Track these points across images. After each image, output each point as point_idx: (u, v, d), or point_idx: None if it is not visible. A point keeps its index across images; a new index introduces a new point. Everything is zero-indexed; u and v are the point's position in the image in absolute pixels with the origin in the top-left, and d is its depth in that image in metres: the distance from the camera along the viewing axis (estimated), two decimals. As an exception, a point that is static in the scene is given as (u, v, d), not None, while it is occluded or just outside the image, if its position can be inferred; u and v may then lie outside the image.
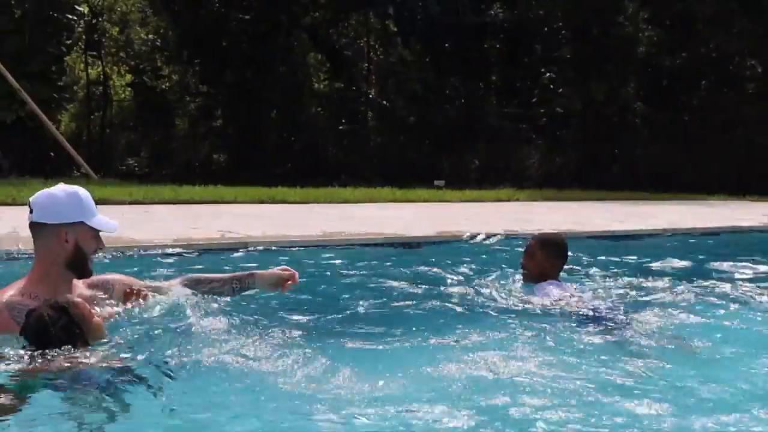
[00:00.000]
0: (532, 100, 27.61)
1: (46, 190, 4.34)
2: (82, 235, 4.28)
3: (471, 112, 27.44)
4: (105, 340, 3.94)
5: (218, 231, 9.30)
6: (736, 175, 24.37)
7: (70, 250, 4.29)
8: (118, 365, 3.69)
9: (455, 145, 26.56)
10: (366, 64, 29.28)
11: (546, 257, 5.83)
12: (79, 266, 4.32)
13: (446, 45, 28.94)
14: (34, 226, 4.31)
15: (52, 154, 23.68)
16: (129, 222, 10.30)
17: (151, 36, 29.57)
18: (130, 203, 12.81)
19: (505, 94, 29.06)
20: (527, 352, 4.31)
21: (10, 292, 4.18)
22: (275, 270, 4.68)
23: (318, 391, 3.49)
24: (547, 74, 26.66)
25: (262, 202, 13.84)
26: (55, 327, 3.84)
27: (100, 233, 4.36)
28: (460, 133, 26.84)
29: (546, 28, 27.82)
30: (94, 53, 28.80)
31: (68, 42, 24.69)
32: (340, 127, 27.96)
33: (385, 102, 27.70)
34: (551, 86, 26.19)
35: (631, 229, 11.68)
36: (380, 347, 4.42)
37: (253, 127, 26.10)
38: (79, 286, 4.38)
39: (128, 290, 4.46)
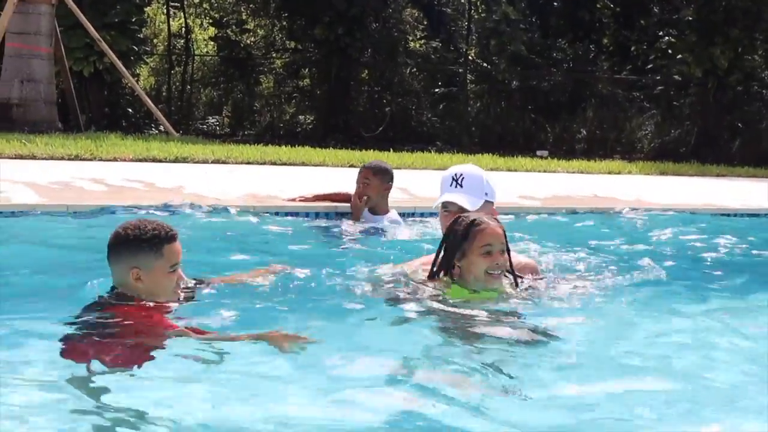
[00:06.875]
0: (647, 66, 27.04)
1: None
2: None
3: (579, 77, 27.05)
4: None
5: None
6: None
7: None
8: None
9: (561, 112, 26.18)
10: (466, 23, 28.97)
11: (381, 183, 7.34)
12: None
13: (554, 3, 28.56)
14: None
15: (129, 110, 24.00)
16: (212, 182, 10.43)
17: (236, -13, 29.72)
18: (213, 162, 12.88)
19: (617, 58, 28.57)
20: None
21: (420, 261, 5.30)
22: None
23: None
24: (666, 38, 25.94)
25: (352, 166, 13.66)
26: None
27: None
28: (567, 100, 26.49)
29: (666, -12, 27.21)
30: (177, 4, 28.92)
31: (149, -9, 24.92)
32: (437, 90, 27.78)
33: (485, 64, 27.37)
34: (669, 51, 25.49)
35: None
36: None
37: (342, 87, 26.07)
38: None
39: None
